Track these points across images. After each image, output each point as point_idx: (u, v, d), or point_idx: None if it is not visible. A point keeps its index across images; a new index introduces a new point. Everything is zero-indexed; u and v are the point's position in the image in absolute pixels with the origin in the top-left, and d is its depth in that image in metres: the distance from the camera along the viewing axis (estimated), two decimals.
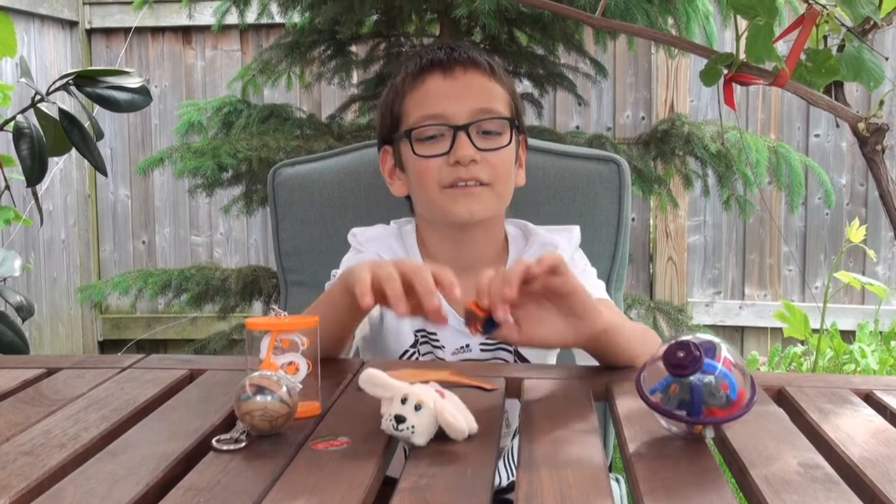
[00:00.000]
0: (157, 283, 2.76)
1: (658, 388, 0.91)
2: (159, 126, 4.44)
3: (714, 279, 4.30)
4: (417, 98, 1.43)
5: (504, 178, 1.43)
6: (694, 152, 2.74)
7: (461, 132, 1.39)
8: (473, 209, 1.41)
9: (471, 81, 1.43)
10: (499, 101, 1.44)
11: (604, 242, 1.73)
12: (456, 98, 1.41)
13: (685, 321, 2.74)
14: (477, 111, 1.41)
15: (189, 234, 4.48)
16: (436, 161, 1.40)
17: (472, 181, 1.39)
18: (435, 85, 1.43)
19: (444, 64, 1.43)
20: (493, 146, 1.41)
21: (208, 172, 2.53)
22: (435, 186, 1.41)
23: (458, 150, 1.39)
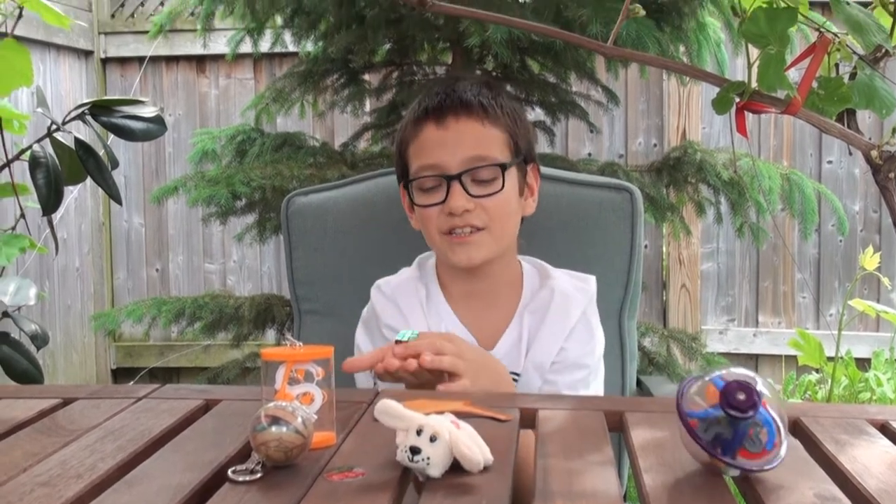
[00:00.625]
0: (171, 311, 2.77)
1: (699, 415, 0.90)
2: (173, 154, 4.47)
3: (728, 306, 4.29)
4: (416, 147, 1.48)
5: (501, 220, 1.46)
6: (706, 180, 2.74)
7: (454, 182, 1.44)
8: (472, 255, 1.46)
9: (462, 130, 1.46)
10: (492, 146, 1.47)
11: (617, 270, 1.73)
12: (449, 147, 1.45)
13: (699, 349, 2.72)
14: (469, 160, 1.44)
15: (202, 261, 4.49)
16: (434, 209, 1.46)
17: (467, 228, 1.44)
18: (429, 135, 1.47)
19: (437, 113, 1.47)
20: (487, 192, 1.45)
21: (222, 201, 2.54)
22: (435, 232, 1.47)
23: (450, 201, 1.43)
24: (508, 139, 1.48)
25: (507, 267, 1.54)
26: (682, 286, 4.16)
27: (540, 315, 1.50)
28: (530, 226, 1.69)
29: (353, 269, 1.80)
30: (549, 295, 1.51)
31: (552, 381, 1.46)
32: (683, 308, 4.16)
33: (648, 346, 2.77)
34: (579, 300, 1.51)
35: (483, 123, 1.47)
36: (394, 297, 1.54)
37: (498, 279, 1.52)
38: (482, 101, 1.47)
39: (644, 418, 1.11)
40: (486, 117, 1.47)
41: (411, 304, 1.52)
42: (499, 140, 1.48)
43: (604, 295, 1.62)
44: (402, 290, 1.54)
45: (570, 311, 1.49)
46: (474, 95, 1.48)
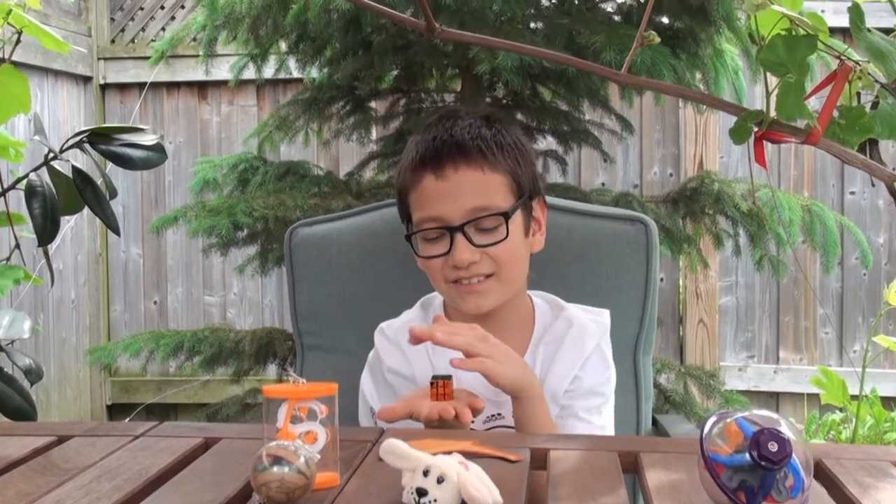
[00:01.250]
0: (169, 345, 2.77)
1: (726, 461, 0.89)
2: (173, 183, 4.49)
3: (747, 342, 4.27)
4: (416, 197, 1.49)
5: (509, 265, 1.47)
6: (724, 211, 2.74)
7: (457, 234, 1.44)
8: (480, 303, 1.47)
9: (462, 180, 1.46)
10: (494, 194, 1.47)
11: (631, 305, 1.73)
12: (449, 199, 1.45)
13: (717, 387, 2.71)
14: (471, 210, 1.45)
15: (202, 294, 4.50)
16: (439, 261, 1.47)
17: (473, 278, 1.45)
18: (428, 186, 1.47)
19: (435, 163, 1.46)
20: (492, 241, 1.45)
21: (223, 231, 2.55)
22: (441, 282, 1.49)
23: (455, 254, 1.44)
24: (510, 182, 1.48)
25: (518, 305, 1.55)
26: (700, 321, 4.15)
27: (555, 345, 1.51)
28: (542, 259, 1.69)
29: (358, 303, 1.81)
30: (565, 325, 1.52)
31: (567, 406, 1.47)
32: (701, 344, 4.15)
33: (664, 384, 2.76)
34: (594, 331, 1.52)
35: (483, 170, 1.46)
36: (397, 340, 1.54)
37: (508, 317, 1.52)
38: (481, 146, 1.46)
39: (660, 459, 1.10)
40: (486, 163, 1.46)
41: (414, 346, 1.52)
42: (501, 186, 1.47)
43: (618, 330, 1.62)
44: (405, 333, 1.54)
45: (585, 340, 1.50)
46: (472, 139, 1.47)
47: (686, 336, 4.18)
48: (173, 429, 1.27)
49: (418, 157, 1.49)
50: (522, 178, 1.50)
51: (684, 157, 4.17)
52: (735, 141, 1.51)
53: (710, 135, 4.10)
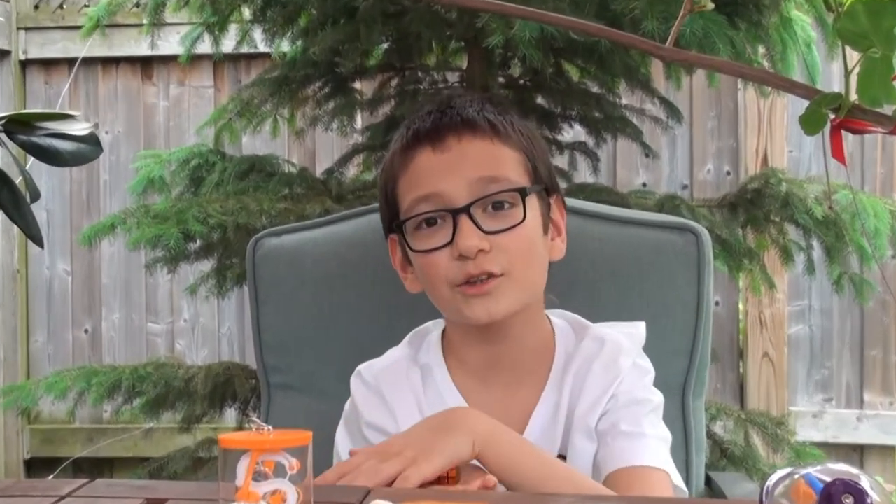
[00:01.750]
0: (103, 385, 2.77)
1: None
2: (110, 182, 4.49)
3: (823, 382, 4.26)
4: (408, 179, 1.48)
5: (524, 261, 1.46)
6: (794, 218, 2.74)
7: (462, 216, 1.42)
8: (492, 310, 1.44)
9: (467, 150, 1.46)
10: (507, 167, 1.47)
11: (678, 335, 1.73)
12: (451, 172, 1.45)
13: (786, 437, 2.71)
14: (478, 183, 1.44)
15: (145, 320, 4.50)
16: (440, 255, 1.44)
17: (482, 275, 1.43)
18: (425, 161, 1.47)
19: (433, 134, 1.47)
20: (504, 226, 1.44)
21: (171, 242, 2.55)
22: (444, 286, 1.45)
23: (460, 241, 1.42)
24: (525, 160, 1.49)
25: (535, 327, 1.54)
26: (765, 355, 4.14)
27: (584, 369, 1.50)
28: (568, 277, 1.69)
29: (338, 332, 1.81)
30: (594, 346, 1.52)
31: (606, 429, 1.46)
32: (766, 384, 4.14)
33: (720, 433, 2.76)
34: (629, 348, 1.52)
35: (492, 141, 1.47)
36: (377, 387, 1.53)
37: (523, 343, 1.52)
38: (488, 118, 1.48)
39: None
40: (495, 134, 1.48)
41: (400, 394, 1.52)
42: (513, 160, 1.48)
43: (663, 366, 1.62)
44: (387, 377, 1.54)
45: (619, 360, 1.50)
46: (477, 111, 1.48)
47: (748, 374, 4.17)
48: (108, 488, 1.27)
49: (411, 133, 1.49)
50: (538, 162, 1.51)
51: (744, 152, 4.17)
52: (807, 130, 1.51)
53: (776, 124, 4.10)
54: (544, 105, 2.88)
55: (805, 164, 4.21)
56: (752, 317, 4.15)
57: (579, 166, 3.04)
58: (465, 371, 1.54)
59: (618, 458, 1.43)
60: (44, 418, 4.56)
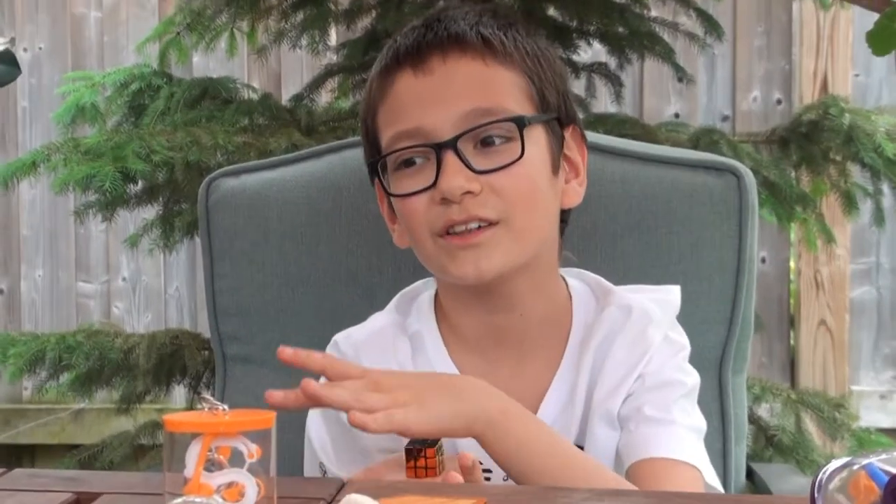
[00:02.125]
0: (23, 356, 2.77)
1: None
2: (30, 111, 4.48)
3: (894, 356, 4.28)
4: (387, 110, 1.48)
5: (524, 206, 1.45)
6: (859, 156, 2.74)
7: (447, 151, 1.42)
8: (482, 266, 1.43)
9: (454, 73, 1.45)
10: (503, 93, 1.46)
11: (715, 298, 1.74)
12: (434, 102, 1.45)
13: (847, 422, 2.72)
14: (467, 115, 1.43)
15: (74, 279, 4.50)
16: (421, 199, 1.44)
17: (469, 221, 1.42)
18: (405, 88, 1.47)
19: (415, 54, 1.46)
20: (497, 164, 1.43)
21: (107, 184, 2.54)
22: (426, 236, 1.45)
23: (443, 182, 1.41)
24: (527, 84, 1.48)
25: (546, 292, 1.53)
26: (822, 323, 4.15)
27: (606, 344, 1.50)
28: (582, 227, 1.69)
29: (307, 293, 1.81)
30: (621, 315, 1.51)
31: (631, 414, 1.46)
32: (823, 358, 4.16)
33: (766, 417, 2.77)
34: (660, 318, 1.51)
35: (486, 62, 1.46)
36: (358, 361, 1.52)
37: (532, 312, 1.51)
38: (482, 32, 1.47)
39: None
40: (490, 54, 1.46)
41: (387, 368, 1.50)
42: (512, 84, 1.47)
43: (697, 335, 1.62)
44: (370, 349, 1.54)
45: (647, 332, 1.50)
46: (470, 25, 1.47)
47: (800, 346, 4.19)
48: (29, 479, 1.27)
49: (391, 54, 1.49)
50: (546, 87, 1.50)
51: (800, 76, 4.17)
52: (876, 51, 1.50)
53: (839, 42, 4.09)
54: (557, 17, 2.86)
55: (874, 91, 4.20)
56: (807, 277, 4.16)
57: (599, 93, 3.03)
58: (463, 344, 1.54)
59: (641, 447, 1.43)
60: None
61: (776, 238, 4.14)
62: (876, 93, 4.20)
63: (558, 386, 1.50)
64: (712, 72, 4.25)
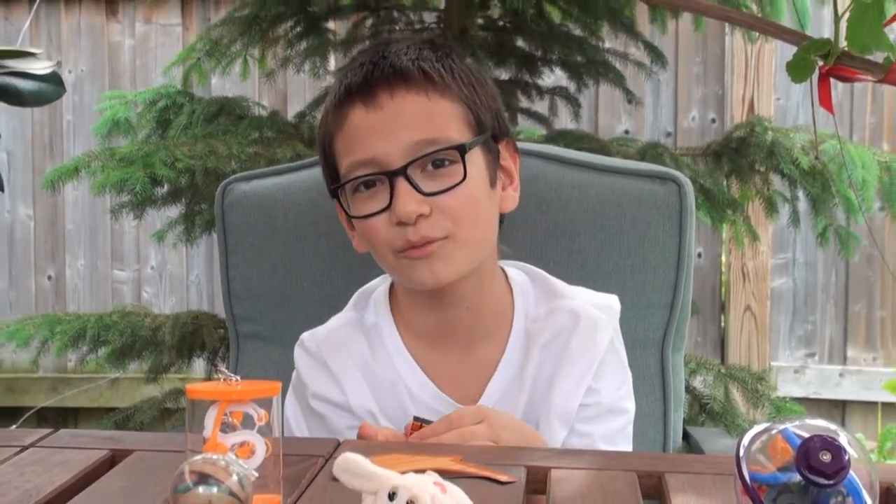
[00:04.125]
0: (67, 333, 2.76)
1: (767, 479, 0.90)
2: (73, 124, 4.46)
3: (806, 337, 4.30)
4: (344, 140, 1.46)
5: (469, 220, 1.43)
6: (780, 168, 2.75)
7: (399, 178, 1.40)
8: (438, 272, 1.42)
9: (401, 109, 1.42)
10: (445, 124, 1.44)
11: (659, 287, 1.74)
12: (385, 134, 1.42)
13: (767, 392, 2.73)
14: (414, 146, 1.41)
15: (110, 267, 4.49)
16: (379, 220, 1.42)
17: (422, 241, 1.40)
18: (358, 120, 1.44)
19: (364, 90, 1.43)
20: (444, 186, 1.41)
21: (137, 187, 2.54)
22: (387, 252, 1.44)
23: (398, 207, 1.39)
24: (465, 112, 1.45)
25: (489, 287, 1.52)
26: (747, 309, 4.17)
27: (559, 346, 1.48)
28: (545, 227, 1.69)
29: (309, 281, 1.81)
30: (569, 321, 1.49)
31: (585, 433, 1.45)
32: (748, 338, 4.17)
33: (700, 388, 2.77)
34: (605, 324, 1.50)
35: (428, 96, 1.43)
36: (321, 356, 1.52)
37: (477, 306, 1.50)
38: (423, 67, 1.44)
39: (690, 482, 1.11)
40: (432, 87, 1.44)
41: (344, 363, 1.50)
42: (452, 115, 1.45)
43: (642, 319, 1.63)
44: (330, 346, 1.52)
45: (596, 338, 1.48)
46: (411, 60, 1.44)
47: (729, 328, 4.20)
48: (72, 438, 1.27)
49: (343, 89, 1.46)
50: (481, 110, 1.47)
51: (730, 99, 4.18)
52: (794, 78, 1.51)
53: (763, 71, 4.10)
54: (524, 48, 2.87)
55: (792, 112, 4.22)
56: (735, 269, 4.17)
57: (560, 112, 3.03)
58: (416, 335, 1.52)
59: None
60: (6, 367, 4.55)
61: (710, 236, 4.15)
62: (794, 114, 4.21)
63: (504, 369, 1.49)
64: (657, 95, 4.26)
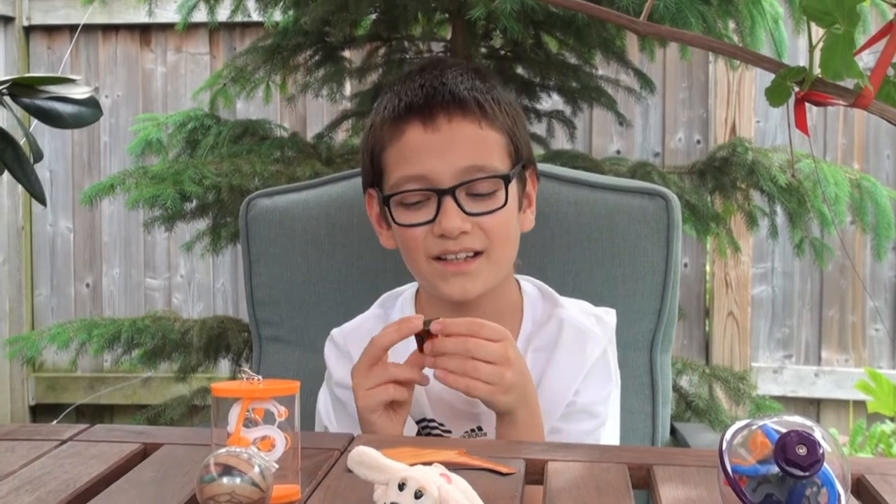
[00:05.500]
0: (104, 336, 2.76)
1: (747, 471, 0.90)
2: (110, 144, 4.47)
3: (784, 340, 4.29)
4: (397, 153, 1.46)
5: (502, 241, 1.46)
6: (759, 185, 2.75)
7: (447, 197, 1.42)
8: (468, 288, 1.45)
9: (457, 133, 1.44)
10: (492, 153, 1.46)
11: (648, 294, 1.74)
12: (439, 155, 1.43)
13: (748, 391, 2.73)
14: (465, 170, 1.43)
15: (143, 276, 4.50)
16: (422, 230, 1.44)
17: (462, 253, 1.43)
18: (415, 139, 1.45)
19: (424, 111, 1.45)
20: (486, 209, 1.44)
21: (168, 202, 2.55)
22: (422, 257, 1.45)
23: (443, 221, 1.42)
24: (508, 143, 1.48)
25: (504, 296, 1.54)
26: (729, 314, 4.16)
27: (547, 352, 1.50)
28: (543, 240, 1.69)
29: (326, 288, 1.81)
30: (556, 327, 1.51)
31: (557, 429, 1.46)
32: (730, 341, 4.17)
33: (686, 387, 2.77)
34: (598, 336, 1.51)
35: (481, 125, 1.46)
36: (346, 348, 1.53)
37: (492, 309, 1.50)
38: (478, 98, 1.46)
39: (677, 473, 1.11)
40: (484, 118, 1.46)
41: None
42: (498, 145, 1.47)
43: (633, 323, 1.63)
44: (354, 338, 1.53)
45: (585, 347, 1.49)
46: (468, 90, 1.46)
47: (713, 332, 4.20)
48: (107, 432, 1.27)
49: (402, 105, 1.47)
50: (520, 141, 1.50)
51: (714, 122, 4.18)
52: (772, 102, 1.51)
53: (744, 95, 4.10)
54: (524, 75, 2.87)
55: (770, 134, 4.22)
56: (718, 278, 4.17)
57: (556, 134, 3.03)
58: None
59: None
60: (47, 367, 4.56)
61: (695, 248, 4.15)
62: (772, 135, 4.22)
63: None
64: (646, 118, 4.26)
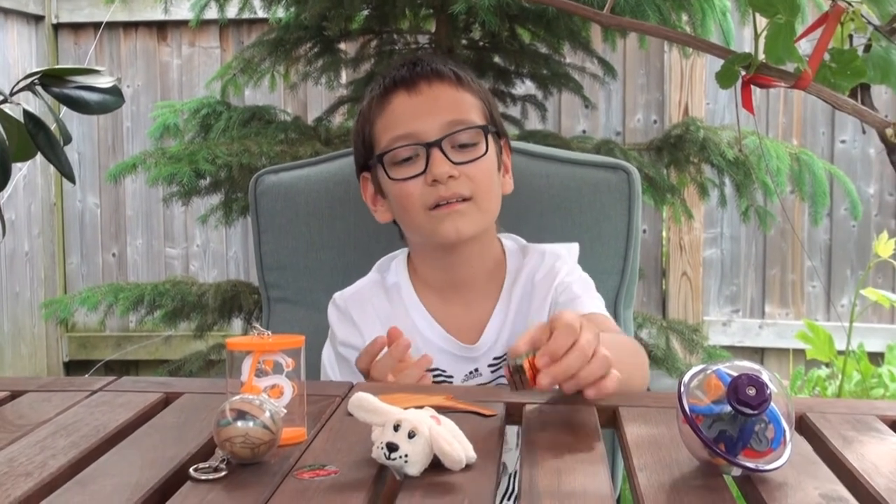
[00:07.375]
0: (129, 299, 2.76)
1: (703, 410, 0.91)
2: (131, 129, 4.45)
3: (732, 296, 4.31)
4: (385, 121, 1.49)
5: (486, 189, 1.47)
6: (710, 159, 2.75)
7: (434, 149, 1.44)
8: (460, 227, 1.45)
9: (437, 94, 1.48)
10: (471, 111, 1.49)
11: (612, 256, 1.74)
12: (424, 114, 1.46)
13: (700, 342, 2.74)
14: (448, 124, 1.45)
15: (163, 245, 4.49)
16: (414, 183, 1.45)
17: (453, 198, 1.43)
18: (401, 104, 1.48)
19: (408, 81, 1.48)
20: (469, 158, 1.45)
21: (185, 180, 2.54)
22: (419, 209, 1.45)
23: (433, 168, 1.43)
24: (483, 107, 1.51)
25: (488, 250, 1.55)
26: (683, 274, 4.18)
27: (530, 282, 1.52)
28: (519, 208, 1.69)
29: (326, 254, 1.81)
30: (538, 258, 1.53)
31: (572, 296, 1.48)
32: (684, 297, 4.18)
33: (646, 338, 2.78)
34: (566, 256, 1.54)
35: (457, 88, 1.49)
36: (347, 310, 1.54)
37: (479, 263, 1.52)
38: (454, 70, 1.51)
39: (639, 414, 1.12)
40: (461, 84, 1.50)
41: (366, 315, 1.52)
42: (475, 105, 1.50)
43: (599, 282, 1.63)
44: (354, 302, 1.54)
45: (555, 265, 1.52)
46: (444, 64, 1.51)
47: (669, 289, 4.21)
48: (132, 384, 1.27)
49: (388, 81, 1.50)
50: (493, 110, 1.54)
51: (669, 104, 4.17)
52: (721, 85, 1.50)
53: (696, 80, 4.10)
54: (500, 64, 2.86)
55: (720, 114, 4.22)
56: (673, 242, 4.19)
57: (530, 116, 3.03)
58: (428, 288, 1.54)
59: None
60: (79, 327, 4.56)
61: (653, 215, 4.16)
62: (721, 115, 4.22)
63: (496, 316, 1.51)
64: (609, 101, 4.25)
